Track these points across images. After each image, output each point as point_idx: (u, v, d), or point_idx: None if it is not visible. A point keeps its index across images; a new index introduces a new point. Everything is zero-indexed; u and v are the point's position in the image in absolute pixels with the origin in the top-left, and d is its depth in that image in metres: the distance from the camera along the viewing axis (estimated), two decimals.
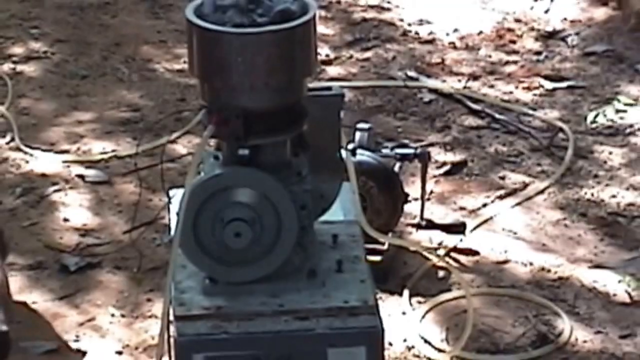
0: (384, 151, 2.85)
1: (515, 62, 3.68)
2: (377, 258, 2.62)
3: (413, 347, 2.52)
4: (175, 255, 1.70)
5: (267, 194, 1.72)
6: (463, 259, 2.78)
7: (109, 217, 2.93)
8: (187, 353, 1.68)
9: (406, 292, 2.65)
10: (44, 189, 3.06)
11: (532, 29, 3.89)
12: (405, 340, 2.53)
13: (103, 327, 2.58)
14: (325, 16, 3.88)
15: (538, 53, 3.74)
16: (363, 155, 2.69)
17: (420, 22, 3.92)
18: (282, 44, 1.71)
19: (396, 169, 2.81)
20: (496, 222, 2.92)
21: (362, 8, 4.03)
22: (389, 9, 4.04)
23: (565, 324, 2.56)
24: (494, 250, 2.82)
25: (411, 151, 2.88)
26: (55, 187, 3.07)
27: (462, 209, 2.98)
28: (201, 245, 1.74)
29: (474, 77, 3.60)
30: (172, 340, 1.70)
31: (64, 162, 3.19)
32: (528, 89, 3.54)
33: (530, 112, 3.40)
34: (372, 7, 4.02)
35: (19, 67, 3.67)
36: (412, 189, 2.94)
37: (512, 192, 3.05)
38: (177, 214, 1.71)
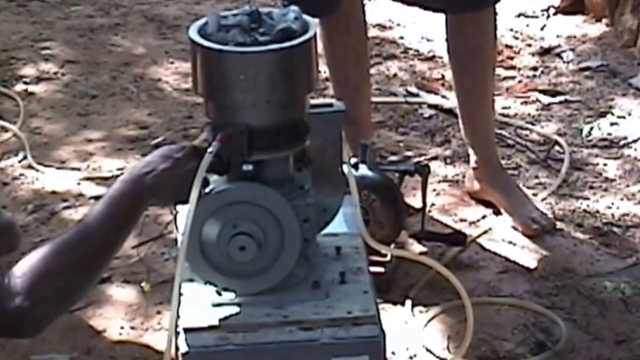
0: (386, 166, 2.88)
1: (512, 78, 3.72)
2: (380, 269, 2.66)
3: (415, 355, 2.56)
4: (181, 269, 1.72)
5: (271, 208, 1.75)
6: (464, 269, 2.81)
7: None
8: None
9: (408, 302, 2.68)
10: (55, 205, 3.10)
11: (529, 45, 3.93)
12: (407, 349, 2.57)
13: (113, 339, 2.61)
14: None
15: (535, 69, 3.78)
16: (365, 170, 2.71)
17: (421, 40, 3.97)
18: (283, 62, 1.73)
19: (397, 182, 2.84)
20: (495, 233, 2.95)
21: None
22: (390, 28, 4.08)
23: (562, 331, 2.58)
24: (494, 261, 2.85)
25: (412, 165, 2.92)
26: (66, 204, 3.11)
27: (462, 220, 3.01)
28: (207, 258, 1.77)
29: None
30: (179, 352, 1.73)
31: (75, 179, 3.23)
32: (525, 103, 3.58)
33: (528, 126, 3.44)
34: (374, 25, 4.05)
35: (31, 88, 3.72)
36: (414, 201, 2.98)
37: None
38: (184, 228, 1.73)
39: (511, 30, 4.01)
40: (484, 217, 3.02)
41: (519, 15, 4.10)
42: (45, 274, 1.70)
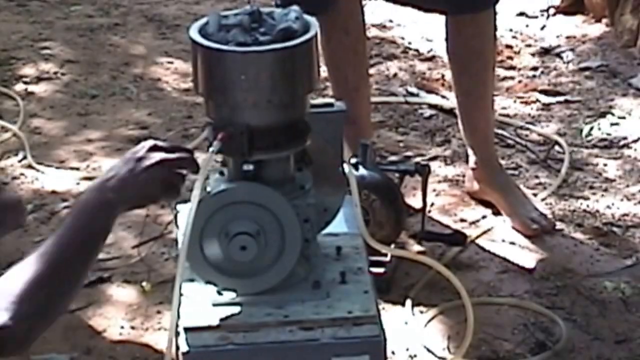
0: (386, 166, 2.89)
1: (512, 78, 3.73)
2: (381, 270, 2.66)
3: (415, 355, 2.56)
4: (182, 268, 1.72)
5: (271, 208, 1.75)
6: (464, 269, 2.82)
7: (118, 232, 2.95)
8: None
9: (408, 302, 2.69)
10: (55, 205, 3.11)
11: (529, 45, 3.94)
12: (407, 349, 2.57)
13: (113, 339, 2.61)
14: None
15: (535, 69, 3.79)
16: (365, 170, 2.72)
17: (421, 40, 3.98)
18: (284, 62, 1.73)
19: (397, 182, 2.85)
20: (495, 233, 2.96)
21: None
22: (390, 28, 4.09)
23: (562, 331, 2.59)
24: (494, 261, 2.86)
25: (412, 165, 2.93)
26: (65, 204, 3.11)
27: (462, 220, 3.01)
28: (207, 258, 1.77)
29: None
30: (179, 352, 1.73)
31: (74, 179, 3.23)
32: (525, 103, 3.59)
33: (528, 126, 3.45)
34: (374, 25, 4.07)
35: (30, 88, 3.73)
36: (414, 201, 2.99)
37: None
38: (184, 228, 1.73)
39: (511, 30, 4.01)
40: (484, 217, 3.03)
41: (519, 15, 4.11)
42: (25, 290, 1.69)
